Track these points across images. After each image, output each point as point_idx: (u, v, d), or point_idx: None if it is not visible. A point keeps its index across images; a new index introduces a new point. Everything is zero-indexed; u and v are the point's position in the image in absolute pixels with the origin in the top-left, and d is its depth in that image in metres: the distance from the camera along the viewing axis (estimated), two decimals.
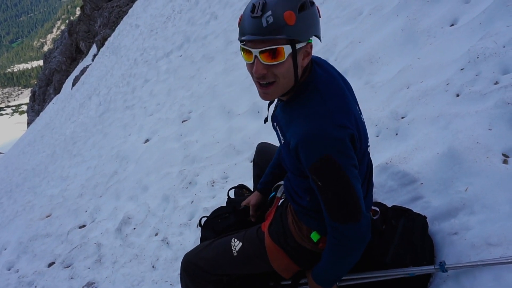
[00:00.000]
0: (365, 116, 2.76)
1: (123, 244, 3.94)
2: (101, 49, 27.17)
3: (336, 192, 1.33)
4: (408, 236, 1.66)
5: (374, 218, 1.71)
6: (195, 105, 5.70)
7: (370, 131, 2.63)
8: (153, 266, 3.27)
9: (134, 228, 4.01)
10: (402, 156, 2.25)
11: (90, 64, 30.55)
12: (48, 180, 8.47)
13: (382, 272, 1.62)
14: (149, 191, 4.53)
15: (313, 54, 1.42)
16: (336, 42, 4.13)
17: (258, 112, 4.00)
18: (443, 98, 2.36)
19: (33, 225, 6.18)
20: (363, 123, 1.51)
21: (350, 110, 1.37)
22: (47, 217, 6.23)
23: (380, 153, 2.45)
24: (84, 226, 5.03)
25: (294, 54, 1.29)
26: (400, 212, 1.79)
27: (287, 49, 1.25)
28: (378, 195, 2.18)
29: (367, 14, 4.06)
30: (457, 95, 2.30)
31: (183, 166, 4.42)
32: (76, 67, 43.35)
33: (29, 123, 54.07)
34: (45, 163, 10.87)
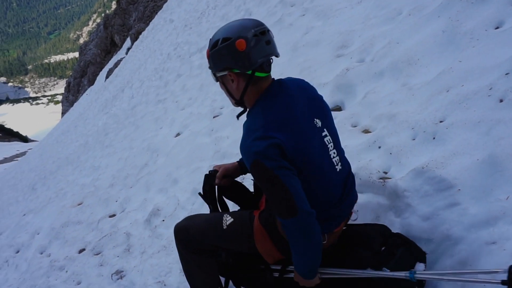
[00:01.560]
0: (401, 118, 2.74)
1: (152, 235, 4.03)
2: (135, 43, 27.70)
3: (270, 191, 1.57)
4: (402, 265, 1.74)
5: (353, 219, 1.99)
6: (226, 101, 5.73)
7: (406, 134, 2.60)
8: None
9: (163, 220, 4.09)
10: (439, 161, 2.21)
11: (123, 57, 31.19)
12: (81, 169, 8.72)
13: (361, 271, 1.74)
14: (179, 184, 4.61)
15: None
16: (373, 42, 4.07)
17: None
18: (485, 103, 2.30)
19: (65, 212, 6.38)
20: (312, 136, 1.70)
21: (287, 125, 1.62)
22: (78, 205, 6.43)
23: (416, 157, 2.41)
24: (114, 215, 5.17)
25: (219, 79, 1.78)
26: (403, 242, 1.87)
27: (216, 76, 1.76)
28: (412, 200, 2.15)
29: (407, 15, 3.98)
30: (501, 101, 2.24)
31: (214, 161, 4.46)
32: (110, 59, 44.37)
33: (63, 113, 55.77)
34: (78, 152, 11.18)
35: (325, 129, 1.78)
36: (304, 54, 4.93)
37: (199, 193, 2.32)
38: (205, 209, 3.68)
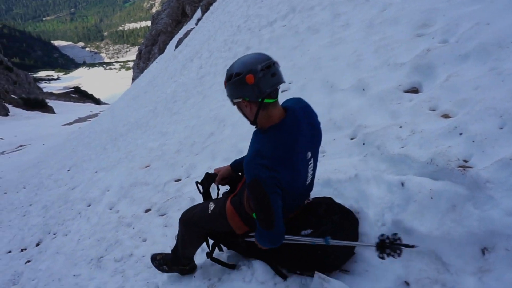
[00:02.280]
0: (487, 105, 2.55)
1: None
2: (205, 14, 28.00)
3: (260, 206, 2.00)
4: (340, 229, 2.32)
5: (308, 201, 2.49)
6: (295, 76, 5.67)
7: (492, 122, 2.42)
8: None
9: (227, 189, 4.17)
10: None
11: (193, 28, 31.69)
12: (149, 134, 9.10)
13: (297, 237, 2.27)
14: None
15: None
16: (458, 22, 3.80)
17: (363, 89, 3.85)
18: None
19: (134, 173, 6.72)
20: (302, 168, 2.13)
21: (289, 164, 2.01)
22: (146, 167, 6.74)
23: (502, 147, 2.25)
24: (179, 180, 5.36)
25: (236, 104, 2.09)
26: (341, 211, 2.47)
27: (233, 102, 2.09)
28: (496, 192, 2.01)
29: None
30: None
31: None
32: (180, 29, 45.29)
33: (133, 79, 58.15)
34: (147, 117, 11.65)
35: (312, 159, 2.21)
36: (380, 31, 4.71)
37: (196, 182, 2.94)
38: None
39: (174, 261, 2.97)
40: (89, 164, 10.61)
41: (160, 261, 3.09)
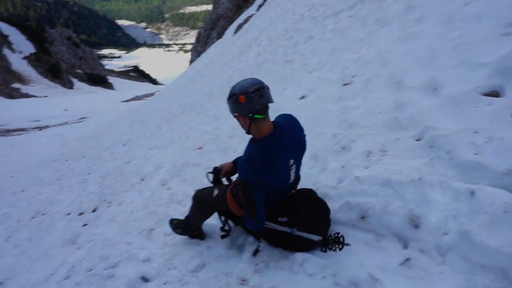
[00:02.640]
0: None
1: None
2: (268, 0, 27.88)
3: (246, 200, 2.52)
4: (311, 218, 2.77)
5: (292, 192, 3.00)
6: (360, 70, 5.49)
7: None
8: None
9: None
10: None
11: (254, 14, 31.69)
12: (203, 117, 9.22)
13: (273, 224, 2.79)
14: None
15: None
16: None
17: (435, 89, 3.64)
18: None
19: (187, 153, 6.84)
20: (284, 173, 2.67)
21: (274, 170, 2.52)
22: (199, 149, 6.83)
23: None
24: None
25: (235, 117, 2.61)
26: (314, 201, 2.93)
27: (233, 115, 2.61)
28: None
29: None
30: None
31: (339, 129, 4.34)
32: (240, 15, 45.46)
33: (191, 62, 59.27)
34: (202, 100, 11.82)
35: (294, 165, 2.73)
36: (460, 28, 4.43)
37: (207, 173, 3.61)
38: (324, 175, 3.64)
39: (186, 227, 3.63)
40: (144, 141, 10.94)
41: (176, 225, 3.75)
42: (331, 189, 3.38)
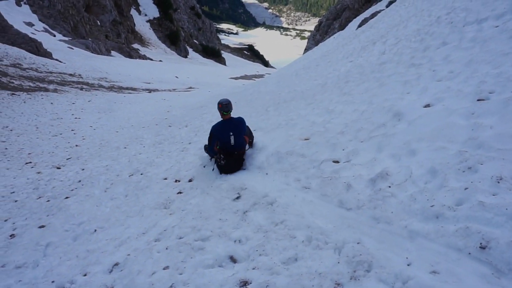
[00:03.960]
0: None
1: (372, 195, 4.03)
2: None
3: (208, 137, 6.78)
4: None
5: (246, 149, 7.04)
6: (501, 87, 5.08)
7: None
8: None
9: (389, 186, 4.02)
10: None
11: (383, 10, 30.68)
12: (313, 107, 9.22)
13: (215, 156, 6.95)
14: (416, 157, 4.41)
15: None
16: None
17: None
18: None
19: (292, 142, 6.93)
20: (226, 137, 6.54)
21: (221, 130, 6.53)
22: (305, 139, 6.88)
23: None
24: (337, 162, 5.35)
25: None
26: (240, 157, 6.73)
27: None
28: None
29: None
30: None
31: (465, 147, 4.08)
32: (368, 9, 44.35)
33: (306, 49, 59.46)
34: (314, 90, 11.81)
35: (232, 136, 6.48)
36: None
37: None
38: (441, 193, 3.47)
39: (207, 152, 7.41)
40: (248, 120, 11.24)
41: (204, 148, 7.71)
42: (448, 210, 3.21)
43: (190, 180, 7.22)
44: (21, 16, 56.60)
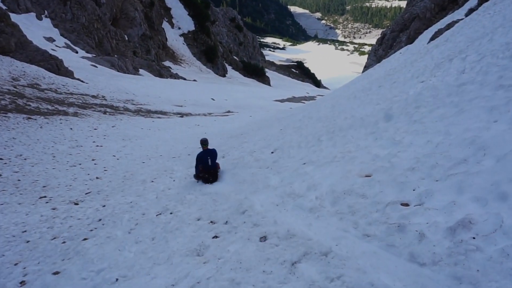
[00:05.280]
0: None
1: (452, 249, 3.88)
2: (484, 4, 26.39)
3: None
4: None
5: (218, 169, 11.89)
6: None
7: None
8: None
9: (474, 238, 3.87)
10: None
11: (461, 19, 30.30)
12: (376, 137, 9.12)
13: (198, 175, 11.94)
14: (508, 202, 4.24)
15: None
16: None
17: None
18: None
19: (350, 178, 6.85)
20: (206, 161, 11.45)
21: (200, 158, 11.45)
22: (366, 176, 6.79)
23: None
24: (407, 205, 5.23)
25: None
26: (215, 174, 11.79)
27: None
28: None
29: None
30: None
31: None
32: (442, 18, 43.93)
33: (366, 67, 59.36)
34: (376, 117, 11.69)
35: (209, 159, 11.36)
36: None
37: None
38: None
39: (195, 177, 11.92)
40: (297, 152, 11.31)
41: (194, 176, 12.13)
42: None
43: (226, 222, 7.25)
44: (42, 31, 60.11)
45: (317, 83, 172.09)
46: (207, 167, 11.44)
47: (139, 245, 7.46)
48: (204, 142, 11.74)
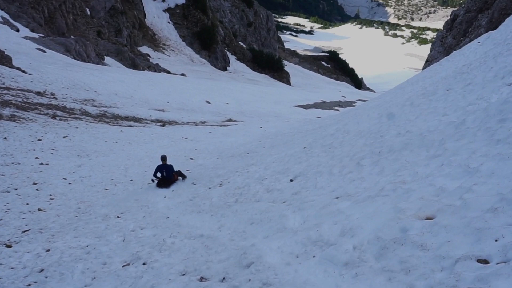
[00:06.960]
0: None
1: None
2: None
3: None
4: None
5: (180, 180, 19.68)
6: None
7: None
8: None
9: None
10: None
11: None
12: (442, 162, 9.07)
13: (154, 179, 19.49)
14: None
15: None
16: None
17: None
18: None
19: (404, 220, 6.80)
20: (162, 172, 19.00)
21: (159, 169, 18.98)
22: (427, 218, 6.72)
23: None
24: (486, 262, 5.17)
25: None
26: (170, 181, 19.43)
27: None
28: None
29: None
30: None
31: None
32: None
33: (428, 60, 59.39)
34: (444, 133, 11.63)
35: (164, 171, 18.87)
36: None
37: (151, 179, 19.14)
38: None
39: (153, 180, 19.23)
40: (327, 180, 11.28)
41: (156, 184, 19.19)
42: None
43: (223, 279, 7.21)
44: None
45: (358, 83, 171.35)
46: (163, 177, 18.55)
47: None
48: (163, 158, 18.80)
